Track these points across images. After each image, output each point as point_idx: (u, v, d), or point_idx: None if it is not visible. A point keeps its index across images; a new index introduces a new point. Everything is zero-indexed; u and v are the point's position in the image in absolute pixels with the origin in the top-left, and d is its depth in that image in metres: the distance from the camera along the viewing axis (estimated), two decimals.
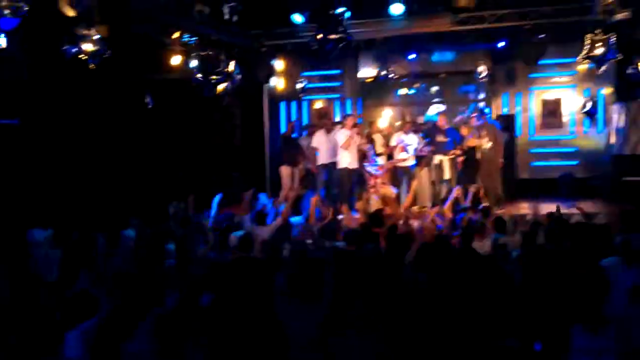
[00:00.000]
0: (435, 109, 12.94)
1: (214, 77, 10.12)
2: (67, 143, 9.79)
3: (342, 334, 4.31)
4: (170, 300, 4.75)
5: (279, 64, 13.06)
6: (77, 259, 6.26)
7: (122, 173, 10.69)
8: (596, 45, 9.44)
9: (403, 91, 14.19)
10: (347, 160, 11.06)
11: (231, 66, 10.63)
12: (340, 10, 8.56)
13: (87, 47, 7.87)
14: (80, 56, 8.03)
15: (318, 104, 14.54)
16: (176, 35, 10.61)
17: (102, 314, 4.31)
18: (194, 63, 10.66)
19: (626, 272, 5.88)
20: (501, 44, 12.05)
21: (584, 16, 10.15)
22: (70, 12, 7.32)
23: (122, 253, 7.05)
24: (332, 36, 7.12)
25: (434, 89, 14.25)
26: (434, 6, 10.24)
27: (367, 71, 13.91)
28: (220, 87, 10.91)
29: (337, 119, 12.78)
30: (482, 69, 12.30)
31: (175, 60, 10.76)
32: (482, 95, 13.84)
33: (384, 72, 12.89)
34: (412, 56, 12.78)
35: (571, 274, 5.07)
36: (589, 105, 11.54)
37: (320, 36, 7.35)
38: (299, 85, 13.06)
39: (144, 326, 3.99)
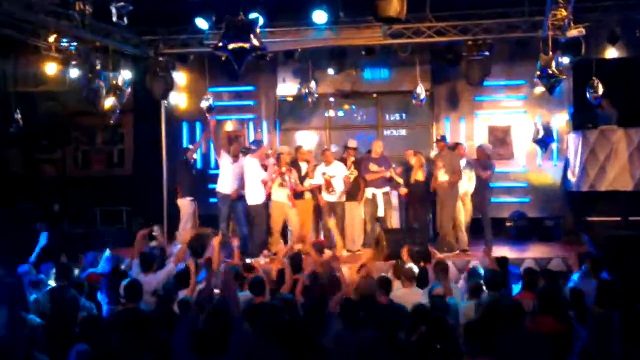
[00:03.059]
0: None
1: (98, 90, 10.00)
2: None
3: None
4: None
5: (180, 77, 13.10)
6: None
7: None
8: (549, 66, 9.83)
9: (329, 113, 14.48)
10: (263, 195, 11.13)
11: (120, 79, 10.59)
12: (253, 16, 8.69)
13: None
14: None
15: (229, 126, 14.58)
16: (52, 39, 10.49)
17: None
18: (73, 73, 10.58)
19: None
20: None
21: (533, 33, 10.71)
22: None
23: None
24: (240, 45, 7.13)
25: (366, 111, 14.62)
26: (364, 15, 10.41)
27: (287, 88, 14.17)
28: (108, 104, 10.81)
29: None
30: (421, 90, 12.59)
31: (51, 69, 10.65)
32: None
33: (306, 90, 13.17)
34: (331, 72, 13.03)
35: None
36: (541, 133, 11.92)
37: (224, 44, 7.30)
38: (204, 104, 13.04)
39: None
